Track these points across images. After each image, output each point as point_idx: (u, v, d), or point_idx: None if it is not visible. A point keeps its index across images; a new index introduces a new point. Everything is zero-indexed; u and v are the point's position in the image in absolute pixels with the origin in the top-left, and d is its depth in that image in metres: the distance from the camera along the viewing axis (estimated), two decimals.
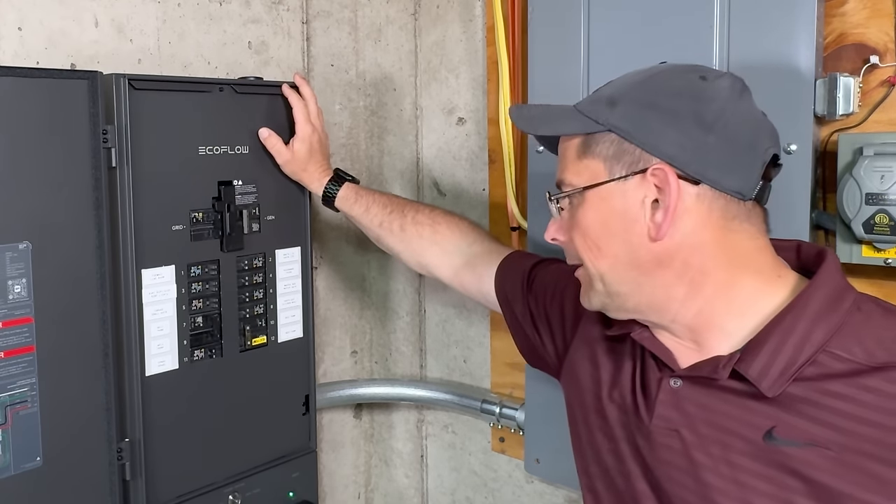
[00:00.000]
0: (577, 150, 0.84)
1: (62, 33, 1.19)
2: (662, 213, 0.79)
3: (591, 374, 0.95)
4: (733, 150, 0.79)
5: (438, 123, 1.63)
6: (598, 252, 0.83)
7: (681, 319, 0.83)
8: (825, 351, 0.76)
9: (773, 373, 0.76)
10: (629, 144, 0.80)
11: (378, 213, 1.28)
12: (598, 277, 0.84)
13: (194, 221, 1.16)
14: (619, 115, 0.81)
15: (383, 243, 1.30)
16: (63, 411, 1.05)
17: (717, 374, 0.79)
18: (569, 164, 0.85)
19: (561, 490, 1.50)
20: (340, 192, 1.30)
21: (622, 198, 0.81)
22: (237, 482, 1.24)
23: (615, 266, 0.83)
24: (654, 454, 0.84)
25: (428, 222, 1.26)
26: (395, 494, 1.78)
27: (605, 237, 0.83)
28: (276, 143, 1.25)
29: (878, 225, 1.00)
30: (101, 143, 1.06)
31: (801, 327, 0.77)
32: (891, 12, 1.04)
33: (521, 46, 1.40)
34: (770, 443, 0.76)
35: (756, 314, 0.80)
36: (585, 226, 0.84)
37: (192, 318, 1.17)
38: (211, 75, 1.37)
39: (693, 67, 0.84)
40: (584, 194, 0.83)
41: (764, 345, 0.77)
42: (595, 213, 0.83)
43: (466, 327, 1.63)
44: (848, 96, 1.03)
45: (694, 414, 0.81)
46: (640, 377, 0.88)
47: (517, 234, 1.45)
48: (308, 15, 1.54)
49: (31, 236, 1.00)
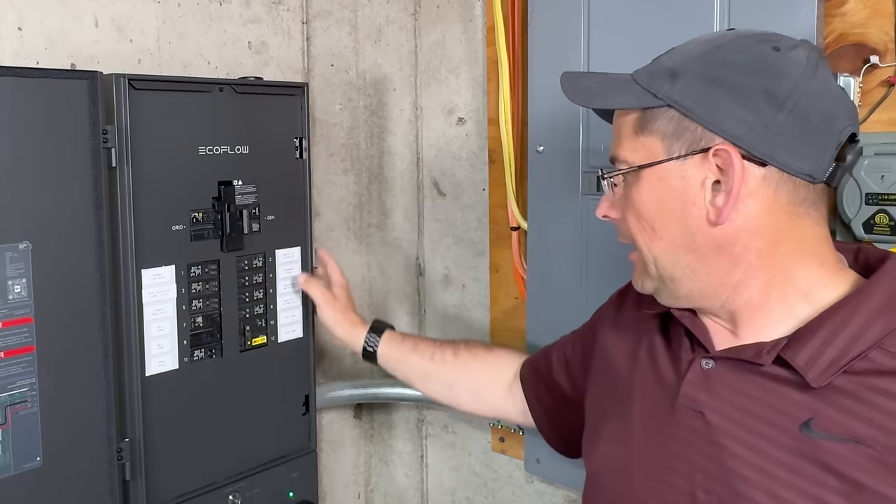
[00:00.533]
0: (634, 126, 0.80)
1: (62, 33, 1.19)
2: (724, 196, 0.75)
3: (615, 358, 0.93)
4: (805, 130, 0.74)
5: (438, 123, 1.63)
6: (653, 234, 0.80)
7: (729, 305, 0.80)
8: (880, 348, 0.72)
9: (821, 363, 0.72)
10: (690, 122, 0.76)
11: (428, 348, 1.25)
12: (652, 261, 0.81)
13: (194, 221, 1.16)
14: (680, 89, 0.76)
15: (434, 378, 1.25)
16: (63, 411, 1.05)
17: (760, 359, 0.76)
18: (624, 140, 0.81)
19: (561, 490, 1.50)
20: (385, 336, 1.28)
21: (681, 178, 0.77)
22: (237, 482, 1.24)
23: (669, 249, 0.79)
24: (673, 433, 0.81)
25: (482, 346, 1.27)
26: (395, 494, 1.78)
27: (660, 218, 0.79)
28: (316, 286, 1.28)
29: (878, 225, 1.00)
30: (101, 143, 1.06)
31: (858, 321, 0.73)
32: (891, 12, 1.04)
33: (521, 46, 1.40)
34: (807, 434, 0.72)
35: (811, 304, 0.77)
36: (640, 206, 0.80)
37: (192, 318, 1.17)
38: (211, 75, 1.37)
39: (765, 36, 0.78)
40: (639, 173, 0.79)
41: (815, 334, 0.74)
42: (651, 194, 0.79)
43: (466, 327, 1.63)
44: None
45: (725, 397, 0.78)
46: (671, 357, 0.85)
47: (517, 234, 1.45)
48: (308, 15, 1.54)
49: (31, 236, 1.00)
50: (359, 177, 1.66)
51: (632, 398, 0.88)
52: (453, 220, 1.63)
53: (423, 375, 1.26)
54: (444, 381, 1.24)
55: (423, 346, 1.26)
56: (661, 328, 0.89)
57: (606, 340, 0.98)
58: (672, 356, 0.85)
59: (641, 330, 0.92)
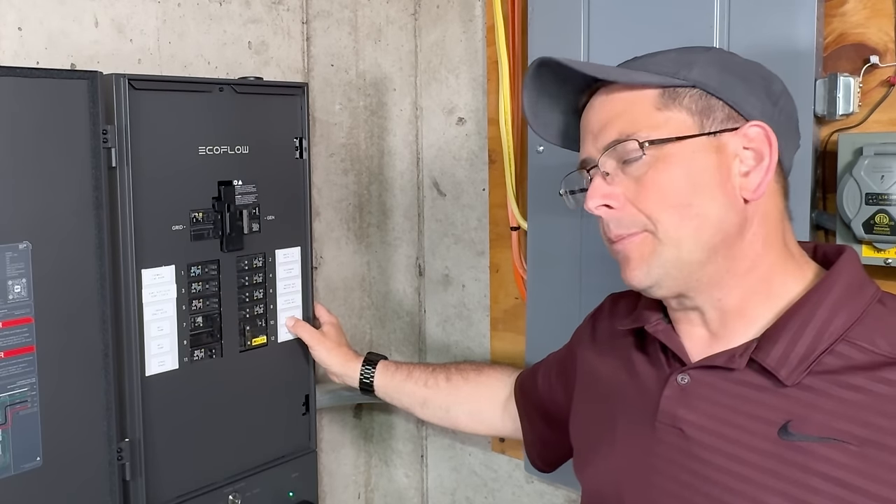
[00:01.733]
0: (657, 102, 0.79)
1: (62, 33, 1.19)
2: (762, 172, 0.76)
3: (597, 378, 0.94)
4: (790, 127, 0.81)
5: (438, 123, 1.63)
6: (686, 212, 0.76)
7: (726, 300, 0.80)
8: (846, 341, 0.73)
9: (791, 360, 0.73)
10: (717, 101, 0.78)
11: (421, 375, 1.27)
12: (675, 243, 0.77)
13: (194, 221, 1.16)
14: (699, 73, 0.78)
15: (430, 405, 1.27)
16: (63, 411, 1.05)
17: (733, 364, 0.77)
18: (642, 117, 0.79)
19: (561, 490, 1.50)
20: (380, 367, 1.30)
21: (716, 153, 0.77)
22: (237, 482, 1.24)
23: (701, 228, 0.77)
24: (657, 451, 0.81)
25: (472, 368, 1.28)
26: (395, 494, 1.78)
27: (696, 195, 0.77)
28: (304, 327, 1.28)
29: (878, 225, 1.00)
30: (101, 143, 1.06)
31: (821, 315, 0.74)
32: (891, 12, 1.04)
33: (521, 46, 1.40)
34: (785, 438, 0.73)
35: (780, 300, 0.78)
36: (667, 183, 0.77)
37: (192, 318, 1.17)
38: (211, 75, 1.37)
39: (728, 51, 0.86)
40: (664, 148, 0.77)
41: (782, 332, 0.75)
42: (682, 169, 0.77)
43: (466, 327, 1.63)
44: (848, 96, 1.03)
45: (702, 410, 0.78)
46: (647, 371, 0.86)
47: (517, 234, 1.45)
48: (308, 15, 1.54)
49: (31, 236, 1.00)
50: (359, 177, 1.66)
51: (615, 418, 0.88)
52: (453, 220, 1.63)
53: (420, 403, 1.28)
54: (441, 407, 1.26)
55: (416, 373, 1.28)
56: (637, 344, 0.90)
57: (586, 362, 0.99)
58: (650, 372, 0.86)
59: (618, 348, 0.92)
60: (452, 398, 1.25)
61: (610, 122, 0.81)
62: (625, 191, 0.79)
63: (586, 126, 0.85)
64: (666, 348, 0.85)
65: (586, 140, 0.84)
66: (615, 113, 0.81)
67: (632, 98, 0.80)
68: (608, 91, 0.83)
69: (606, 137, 0.80)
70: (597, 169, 0.81)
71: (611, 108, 0.81)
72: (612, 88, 0.82)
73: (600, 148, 0.81)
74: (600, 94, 0.84)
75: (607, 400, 0.91)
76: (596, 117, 0.83)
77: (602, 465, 0.89)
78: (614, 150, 0.80)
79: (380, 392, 1.30)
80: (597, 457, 0.91)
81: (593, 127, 0.83)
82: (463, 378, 1.26)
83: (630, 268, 0.81)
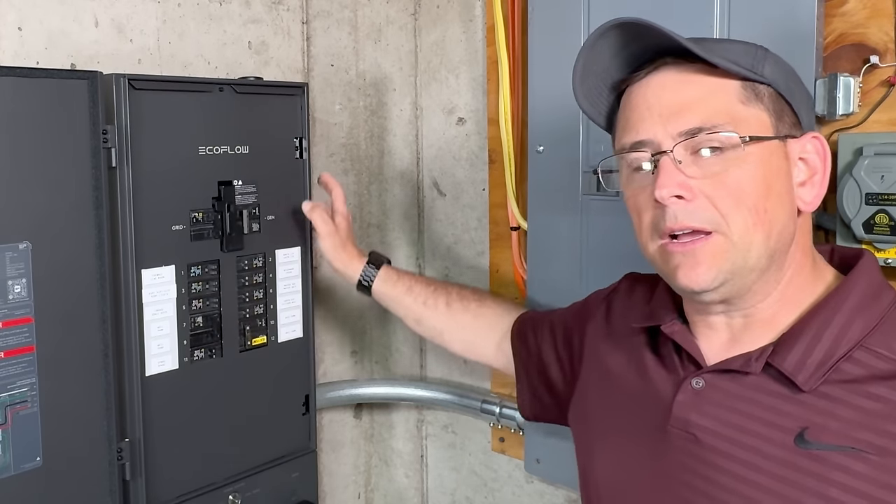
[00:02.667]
0: (741, 95, 0.74)
1: (62, 33, 1.19)
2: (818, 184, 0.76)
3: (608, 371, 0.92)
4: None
5: (438, 123, 1.63)
6: (762, 216, 0.73)
7: (760, 307, 0.78)
8: (864, 347, 0.72)
9: (809, 365, 0.72)
10: (786, 105, 0.76)
11: (422, 292, 1.26)
12: (746, 246, 0.73)
13: (194, 221, 1.16)
14: (771, 71, 0.75)
15: (425, 324, 1.27)
16: (63, 411, 1.05)
17: (749, 368, 0.75)
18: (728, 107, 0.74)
19: (561, 490, 1.50)
20: (381, 273, 1.28)
21: (784, 159, 0.75)
22: (237, 482, 1.24)
23: (770, 234, 0.74)
24: (669, 457, 0.79)
25: (474, 297, 1.26)
26: (395, 494, 1.78)
27: (770, 199, 0.73)
28: (321, 213, 1.26)
29: (878, 225, 1.00)
30: (101, 143, 1.06)
31: (839, 321, 0.73)
32: (891, 12, 1.04)
33: (521, 46, 1.40)
34: (802, 446, 0.71)
35: (800, 305, 0.77)
36: (746, 185, 0.73)
37: (192, 318, 1.17)
38: (211, 75, 1.37)
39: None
40: (746, 147, 0.73)
41: (799, 337, 0.74)
42: (759, 171, 0.73)
43: None
44: (848, 96, 1.03)
45: (716, 415, 0.76)
46: (660, 374, 0.84)
47: (517, 234, 1.45)
48: (308, 15, 1.54)
49: (31, 236, 1.00)
50: (359, 177, 1.66)
51: (624, 418, 0.87)
52: (453, 220, 1.63)
53: (415, 319, 1.27)
54: (435, 329, 1.26)
55: (417, 288, 1.26)
56: (649, 342, 0.87)
57: (597, 347, 0.97)
58: (662, 374, 0.84)
59: (631, 345, 0.90)
60: (449, 324, 1.24)
61: (689, 106, 0.74)
62: (699, 184, 0.74)
63: (650, 104, 0.77)
64: (680, 349, 0.82)
65: (649, 120, 0.76)
66: (696, 97, 0.74)
67: (714, 85, 0.74)
68: (681, 70, 0.76)
69: (685, 123, 0.74)
70: (667, 155, 0.74)
71: (691, 91, 0.75)
72: (687, 68, 0.76)
73: (674, 133, 0.75)
74: (669, 71, 0.77)
75: (615, 396, 0.89)
76: (670, 97, 0.76)
77: (612, 463, 0.88)
78: (694, 137, 0.74)
79: (376, 297, 1.29)
80: (606, 454, 0.89)
81: (664, 108, 0.76)
82: (463, 307, 1.24)
83: (697, 270, 0.75)
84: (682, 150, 0.74)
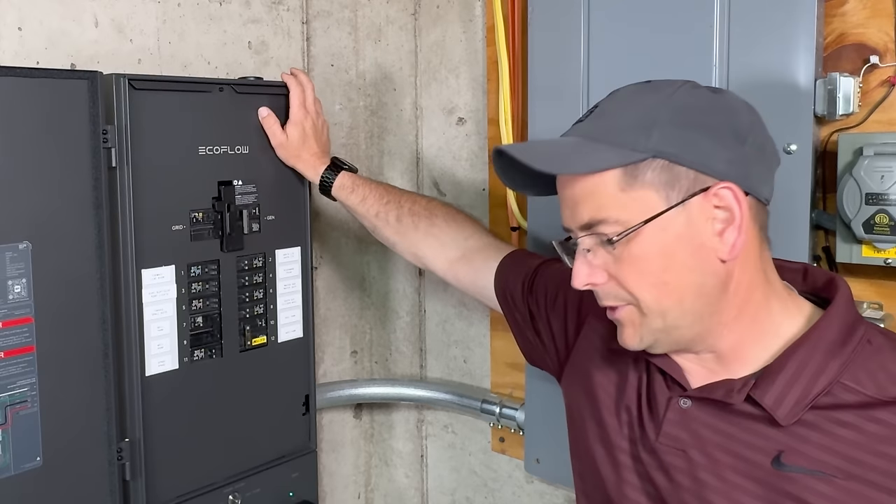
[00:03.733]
0: (620, 183, 0.77)
1: (62, 33, 1.19)
2: (735, 230, 0.76)
3: (593, 382, 0.93)
4: (763, 158, 0.79)
5: (438, 123, 1.63)
6: (664, 288, 0.77)
7: (719, 345, 0.81)
8: (837, 382, 0.76)
9: (788, 402, 0.76)
10: (681, 168, 0.76)
11: (374, 204, 1.27)
12: (660, 314, 0.79)
13: (194, 221, 1.16)
14: (658, 139, 0.76)
15: (379, 234, 1.29)
16: (63, 411, 1.05)
17: (731, 399, 0.79)
18: (608, 200, 0.77)
19: (561, 490, 1.50)
20: (337, 181, 1.28)
21: (686, 224, 0.76)
22: (237, 482, 1.24)
23: (684, 298, 0.78)
24: (659, 472, 0.83)
25: (425, 214, 1.25)
26: (395, 494, 1.78)
27: (670, 269, 0.77)
28: (272, 125, 1.24)
29: (878, 225, 1.00)
30: (101, 143, 1.06)
31: (818, 359, 0.76)
32: (891, 12, 1.04)
33: (521, 46, 1.40)
34: (778, 469, 0.76)
35: (776, 340, 0.80)
36: (644, 262, 0.77)
37: (192, 318, 1.17)
38: (211, 75, 1.37)
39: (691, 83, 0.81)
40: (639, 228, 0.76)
41: (780, 373, 0.77)
42: (654, 246, 0.77)
43: (466, 327, 1.63)
44: (848, 96, 1.03)
45: (703, 434, 0.81)
46: (647, 391, 0.87)
47: (517, 234, 1.45)
48: (308, 15, 1.54)
49: (31, 236, 1.00)
50: None
51: (613, 432, 0.89)
52: None
53: (370, 227, 1.30)
54: (387, 240, 1.29)
55: (370, 200, 1.27)
56: (634, 363, 0.90)
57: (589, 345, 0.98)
58: (649, 393, 0.87)
59: (619, 363, 0.92)
60: (398, 238, 1.26)
61: (579, 202, 0.80)
62: (605, 265, 0.80)
63: (561, 196, 0.83)
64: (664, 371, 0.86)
65: (564, 210, 0.83)
66: (582, 195, 0.79)
67: (592, 181, 0.78)
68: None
69: (580, 217, 0.80)
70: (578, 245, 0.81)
71: (576, 189, 0.80)
72: None
73: (576, 227, 0.81)
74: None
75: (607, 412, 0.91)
76: (565, 193, 0.82)
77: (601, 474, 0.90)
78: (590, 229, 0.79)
79: (337, 200, 1.30)
80: (595, 464, 0.91)
81: (567, 201, 0.82)
82: (413, 223, 1.24)
83: (625, 333, 0.82)
84: (589, 240, 0.80)
